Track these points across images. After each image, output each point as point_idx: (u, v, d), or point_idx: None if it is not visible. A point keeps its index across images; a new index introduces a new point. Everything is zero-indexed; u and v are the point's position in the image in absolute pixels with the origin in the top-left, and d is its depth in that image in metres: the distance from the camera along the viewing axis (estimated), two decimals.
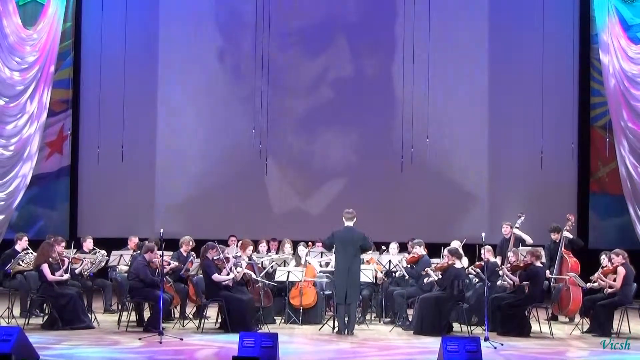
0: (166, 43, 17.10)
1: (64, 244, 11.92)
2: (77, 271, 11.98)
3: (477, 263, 12.28)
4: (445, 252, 11.69)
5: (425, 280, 11.85)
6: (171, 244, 12.46)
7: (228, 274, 11.33)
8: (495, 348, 10.08)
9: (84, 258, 12.38)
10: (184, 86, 17.10)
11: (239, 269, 11.56)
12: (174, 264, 11.84)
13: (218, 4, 17.29)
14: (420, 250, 12.45)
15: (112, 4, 16.79)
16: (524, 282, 11.44)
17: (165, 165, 17.10)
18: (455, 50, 16.59)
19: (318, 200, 16.95)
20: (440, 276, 11.50)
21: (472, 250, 12.99)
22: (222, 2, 17.30)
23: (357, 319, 11.72)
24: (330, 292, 12.04)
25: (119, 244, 13.89)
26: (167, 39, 17.12)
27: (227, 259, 11.44)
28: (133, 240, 13.57)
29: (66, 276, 11.44)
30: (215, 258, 11.39)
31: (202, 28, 17.17)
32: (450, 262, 11.46)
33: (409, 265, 12.41)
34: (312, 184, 17.07)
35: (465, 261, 12.35)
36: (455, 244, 12.54)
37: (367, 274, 11.97)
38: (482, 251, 11.67)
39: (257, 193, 16.95)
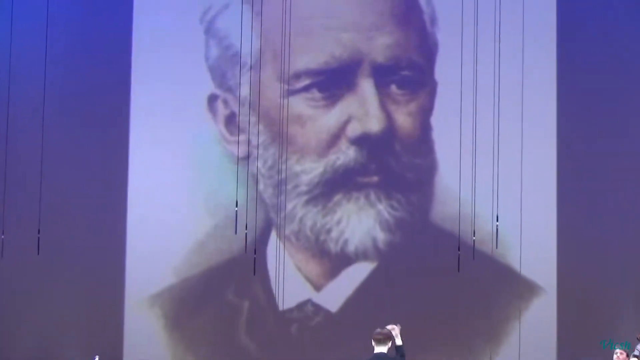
0: (138, 83, 17.26)
1: None
2: None
3: None
4: None
5: None
6: None
7: None
8: None
9: None
10: (159, 144, 17.18)
11: None
12: None
13: (208, 38, 17.58)
14: None
15: (39, 8, 16.60)
16: None
17: (113, 257, 17.00)
18: (522, 85, 16.26)
19: (336, 292, 17.02)
20: None
21: None
22: (212, 37, 17.57)
23: None
24: None
25: None
26: (140, 81, 17.27)
27: None
28: None
29: None
30: None
31: (188, 68, 17.43)
32: None
33: None
34: (328, 270, 17.08)
35: None
36: None
37: None
38: None
39: (251, 287, 16.94)
